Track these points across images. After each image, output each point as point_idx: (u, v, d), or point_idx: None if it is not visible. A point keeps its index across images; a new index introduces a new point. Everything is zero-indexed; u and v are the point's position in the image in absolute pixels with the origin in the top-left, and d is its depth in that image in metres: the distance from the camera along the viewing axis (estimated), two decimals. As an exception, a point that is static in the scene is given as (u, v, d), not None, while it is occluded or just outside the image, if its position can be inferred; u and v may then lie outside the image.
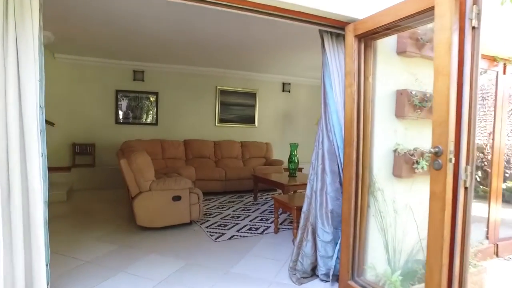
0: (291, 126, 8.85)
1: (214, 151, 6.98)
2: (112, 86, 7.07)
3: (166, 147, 6.43)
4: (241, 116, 8.21)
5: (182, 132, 7.62)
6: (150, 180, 3.93)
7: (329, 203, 2.76)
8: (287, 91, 8.72)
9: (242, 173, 6.46)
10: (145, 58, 6.82)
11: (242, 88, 8.17)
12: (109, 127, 7.09)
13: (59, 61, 6.66)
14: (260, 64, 7.23)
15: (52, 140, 6.63)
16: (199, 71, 7.66)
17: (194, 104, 7.74)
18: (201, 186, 5.91)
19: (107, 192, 6.32)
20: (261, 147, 7.44)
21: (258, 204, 5.66)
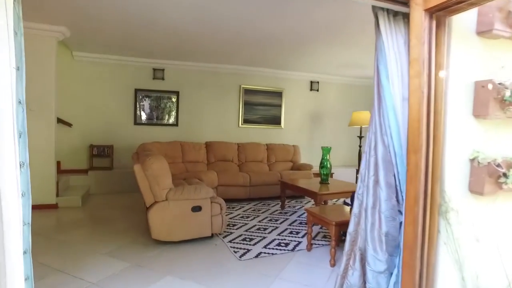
0: (319, 128, 8.27)
1: (237, 154, 6.50)
2: (131, 85, 6.72)
3: (187, 150, 5.99)
4: (266, 116, 7.69)
5: (204, 134, 7.19)
6: (167, 188, 3.48)
7: (383, 224, 2.20)
8: (315, 90, 8.14)
9: (268, 178, 5.94)
10: (165, 55, 6.42)
11: (267, 86, 7.67)
12: (127, 128, 6.74)
13: (77, 59, 6.36)
14: (287, 60, 6.70)
15: (70, 142, 6.34)
16: (222, 68, 7.21)
17: (216, 104, 7.30)
18: (223, 193, 5.45)
19: (124, 197, 5.95)
20: (288, 150, 6.90)
21: (286, 214, 5.13)
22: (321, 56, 6.17)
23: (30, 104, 4.81)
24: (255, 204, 5.67)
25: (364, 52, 5.68)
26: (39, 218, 4.45)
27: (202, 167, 6.07)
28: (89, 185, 6.17)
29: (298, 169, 6.55)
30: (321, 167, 5.24)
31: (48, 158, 4.98)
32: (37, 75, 4.86)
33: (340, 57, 6.13)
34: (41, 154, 4.92)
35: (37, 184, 4.97)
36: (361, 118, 6.77)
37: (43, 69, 4.89)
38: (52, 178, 5.03)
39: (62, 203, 5.15)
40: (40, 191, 4.96)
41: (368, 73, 7.57)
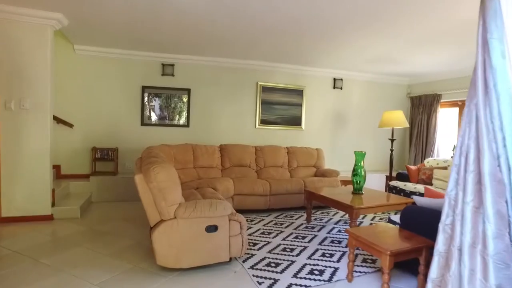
0: (342, 129, 7.54)
1: (255, 158, 5.81)
2: (138, 82, 6.10)
3: (199, 154, 5.33)
4: (286, 117, 7.00)
5: (217, 136, 6.54)
6: (175, 204, 2.81)
7: (490, 274, 1.49)
8: (338, 88, 7.42)
9: (290, 186, 5.24)
10: (175, 48, 5.79)
11: (287, 84, 6.97)
12: (134, 129, 6.12)
13: (79, 54, 5.77)
14: (309, 55, 6.00)
15: (70, 144, 5.76)
16: (237, 64, 6.54)
17: (231, 102, 6.63)
18: (240, 203, 4.79)
19: (129, 205, 5.32)
20: (311, 154, 6.19)
21: (314, 229, 4.42)
22: (348, 49, 5.44)
23: (22, 101, 4.23)
24: (276, 216, 4.98)
25: (404, 44, 4.95)
26: (27, 233, 3.84)
27: (216, 173, 5.40)
28: (91, 192, 5.56)
29: (323, 176, 5.84)
30: (353, 175, 4.52)
31: (43, 162, 4.37)
32: (29, 69, 4.26)
33: (371, 50, 5.40)
34: (34, 158, 4.33)
35: (28, 192, 4.38)
36: (393, 118, 6.03)
37: (37, 61, 4.29)
38: (46, 185, 4.42)
39: (58, 214, 4.54)
40: (33, 200, 4.36)
41: (401, 69, 6.82)
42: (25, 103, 4.25)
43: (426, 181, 5.53)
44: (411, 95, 7.86)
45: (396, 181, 5.82)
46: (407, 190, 5.37)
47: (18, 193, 4.31)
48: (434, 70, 6.77)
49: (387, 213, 5.24)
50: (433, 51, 5.27)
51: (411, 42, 4.89)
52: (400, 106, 7.91)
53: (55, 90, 5.61)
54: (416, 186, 5.31)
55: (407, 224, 2.99)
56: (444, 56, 5.55)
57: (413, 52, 5.40)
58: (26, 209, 4.36)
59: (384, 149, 7.84)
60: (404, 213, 3.03)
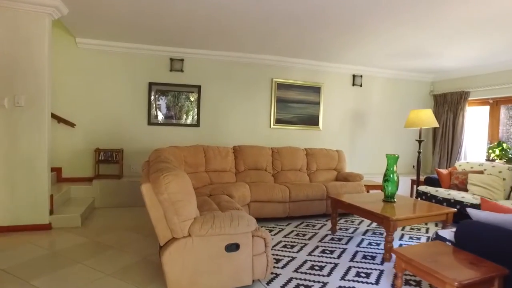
0: (362, 129, 7.05)
1: (272, 161, 5.34)
2: (144, 78, 5.66)
3: (211, 156, 4.86)
4: (302, 116, 6.52)
5: (230, 136, 6.09)
6: (190, 219, 2.35)
7: None
8: (358, 85, 6.93)
9: (311, 192, 4.77)
10: (184, 42, 5.34)
11: (304, 81, 6.50)
12: (140, 128, 5.68)
13: (81, 48, 5.34)
14: (329, 49, 5.52)
15: (72, 145, 5.34)
16: (251, 59, 6.08)
17: (244, 100, 6.17)
18: (257, 210, 4.34)
19: (135, 212, 4.88)
20: (332, 157, 5.71)
21: (341, 241, 3.95)
22: (372, 43, 4.94)
23: (16, 97, 3.80)
24: (297, 225, 4.51)
25: (436, 35, 4.45)
26: (20, 246, 3.40)
27: (230, 177, 4.94)
28: (94, 197, 5.13)
29: (345, 180, 5.36)
30: (385, 181, 4.04)
31: (40, 166, 3.94)
32: (25, 62, 3.83)
33: (398, 43, 4.88)
34: (30, 161, 3.90)
35: (24, 199, 3.90)
36: (421, 118, 5.53)
37: (33, 54, 3.85)
38: (44, 191, 3.98)
39: (57, 222, 4.11)
40: (28, 208, 3.94)
41: (426, 65, 6.31)
42: (19, 99, 3.82)
43: (460, 187, 5.02)
44: (434, 93, 7.35)
45: (425, 186, 5.31)
46: (439, 197, 4.87)
47: (12, 200, 3.88)
48: (463, 66, 6.25)
49: (424, 224, 4.73)
50: (470, 42, 4.75)
51: (446, 32, 4.38)
52: (422, 105, 7.40)
53: (54, 86, 5.19)
54: (449, 192, 4.80)
55: (464, 243, 2.50)
56: (479, 48, 5.03)
57: (445, 44, 4.89)
58: (21, 217, 3.93)
59: (407, 151, 7.35)
60: (461, 229, 2.54)
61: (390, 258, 3.35)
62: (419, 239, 4.13)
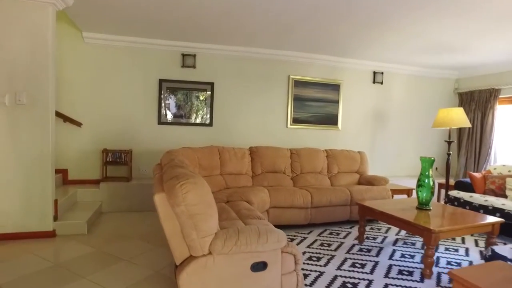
0: (382, 129, 6.65)
1: (291, 163, 4.98)
2: (154, 75, 5.34)
3: (227, 158, 4.52)
4: (321, 115, 6.15)
5: (244, 136, 5.74)
6: (210, 235, 2.01)
7: None
8: (378, 82, 6.53)
9: (335, 197, 4.40)
10: (197, 36, 5.00)
11: (322, 78, 6.13)
12: (150, 128, 5.37)
13: (88, 43, 5.03)
14: (349, 44, 5.14)
15: (78, 145, 5.04)
16: (267, 55, 5.73)
17: (260, 98, 5.82)
18: (276, 217, 4.00)
19: (145, 217, 4.56)
20: (354, 158, 5.33)
21: (370, 252, 3.57)
22: (397, 36, 4.53)
23: (18, 94, 3.50)
24: (319, 234, 4.14)
25: (468, 26, 4.04)
26: (20, 257, 3.09)
27: (246, 180, 4.59)
28: (101, 201, 4.83)
29: (369, 184, 4.98)
30: (418, 186, 3.66)
31: (43, 168, 3.63)
32: (27, 56, 3.53)
33: (425, 36, 4.46)
34: (32, 163, 3.60)
35: (26, 204, 3.59)
36: (451, 117, 5.11)
37: (36, 48, 3.55)
38: (47, 195, 3.68)
39: (62, 229, 3.80)
40: (31, 214, 3.63)
41: (451, 61, 5.89)
42: (21, 97, 3.52)
43: (497, 192, 4.61)
44: (459, 90, 6.92)
45: (457, 191, 4.91)
46: (474, 203, 4.46)
47: (14, 205, 3.58)
48: (492, 61, 5.82)
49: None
50: (502, 34, 4.33)
51: (475, 25, 3.98)
52: (445, 103, 6.98)
53: (60, 84, 4.91)
54: (486, 198, 4.40)
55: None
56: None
57: (473, 37, 4.47)
58: (23, 224, 3.63)
59: (429, 152, 6.96)
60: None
61: (431, 275, 2.98)
62: (456, 251, 3.74)
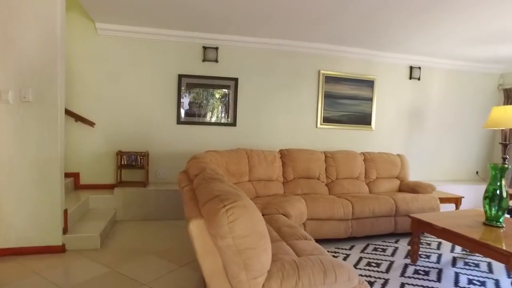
0: (419, 130, 6.07)
1: (325, 167, 4.46)
2: (173, 70, 4.87)
3: (256, 163, 4.02)
4: (353, 114, 5.61)
5: (271, 137, 5.25)
6: (262, 274, 1.50)
7: None
8: (415, 78, 5.95)
9: (378, 207, 3.87)
10: (220, 27, 4.53)
11: (355, 73, 5.58)
12: (168, 128, 4.90)
13: (101, 35, 4.59)
14: (387, 35, 4.61)
15: (91, 147, 4.61)
16: (296, 47, 5.21)
17: (287, 96, 5.31)
18: (314, 230, 3.55)
19: (164, 227, 4.10)
20: (394, 163, 4.78)
21: (428, 275, 3.03)
22: (444, 22, 3.95)
23: (23, 91, 3.06)
24: (362, 249, 3.61)
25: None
26: (22, 278, 2.64)
27: (277, 187, 4.08)
28: (115, 208, 4.38)
29: (412, 191, 4.43)
30: (486, 198, 3.11)
31: (51, 173, 3.19)
32: (33, 49, 3.08)
33: (475, 23, 3.89)
34: (39, 168, 3.16)
35: (32, 214, 3.08)
36: (510, 116, 4.50)
37: (43, 39, 3.10)
38: (56, 204, 3.23)
39: (72, 243, 3.36)
40: (38, 226, 3.21)
41: (499, 53, 5.27)
42: (26, 93, 3.08)
43: None
44: (504, 86, 6.29)
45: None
46: (540, 215, 3.88)
47: (18, 216, 3.15)
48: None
49: None
50: None
51: None
52: (488, 100, 6.35)
53: (71, 80, 4.48)
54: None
55: None
56: None
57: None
58: (28, 238, 3.20)
59: (469, 154, 6.37)
60: None
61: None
62: (530, 274, 3.18)
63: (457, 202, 4.56)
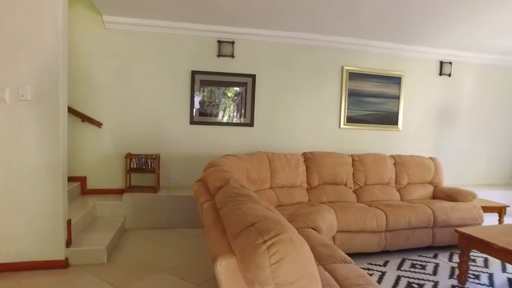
0: (449, 130, 5.62)
1: (353, 172, 4.06)
2: (186, 66, 4.52)
3: (278, 167, 3.64)
4: (379, 113, 5.19)
5: (291, 138, 4.87)
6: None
7: None
8: (446, 74, 5.50)
9: (415, 217, 3.47)
10: (236, 20, 4.17)
11: (381, 69, 5.16)
12: (181, 129, 4.56)
13: (109, 29, 4.27)
14: (417, 27, 4.21)
15: (98, 149, 4.28)
16: (318, 41, 4.81)
17: (308, 93, 4.92)
18: (344, 243, 3.15)
19: (177, 236, 3.76)
20: (426, 167, 4.35)
21: (484, 302, 2.62)
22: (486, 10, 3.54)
23: (20, 88, 2.74)
24: (399, 266, 3.20)
25: None
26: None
27: (301, 195, 3.70)
28: (124, 216, 4.05)
29: (450, 198, 4.00)
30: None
31: (52, 180, 2.86)
32: (31, 40, 2.75)
33: None
34: (39, 174, 2.84)
35: (31, 226, 2.73)
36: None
37: (42, 30, 2.76)
38: (58, 214, 2.91)
39: (76, 258, 3.02)
40: (38, 239, 2.89)
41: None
42: (24, 91, 2.75)
43: None
44: (542, 83, 5.81)
45: None
46: None
47: (17, 228, 2.83)
48: None
49: None
50: None
51: None
52: (526, 99, 5.88)
53: (77, 77, 4.17)
54: None
55: None
56: None
57: None
58: (28, 251, 2.87)
59: (503, 156, 5.88)
60: None
61: None
62: None
63: (501, 211, 4.11)
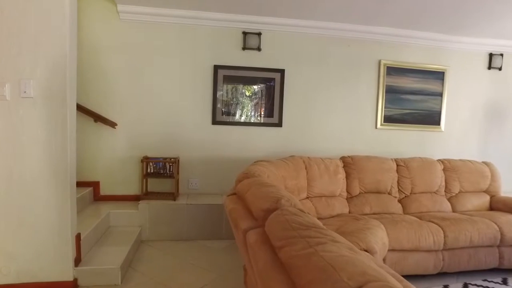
0: (498, 130, 5.04)
1: (397, 179, 3.56)
2: (208, 60, 4.10)
3: (316, 174, 3.17)
4: (419, 112, 4.66)
5: (322, 140, 4.40)
6: None
7: None
8: (496, 68, 4.92)
9: (477, 233, 2.95)
10: (263, 8, 3.74)
11: (422, 63, 4.63)
12: (202, 129, 4.14)
13: (124, 19, 3.89)
14: (465, 13, 3.67)
15: (112, 152, 3.89)
16: (354, 33, 4.32)
17: (342, 90, 4.44)
18: (396, 263, 2.64)
19: (199, 251, 3.34)
20: (481, 173, 3.82)
21: None
22: None
23: (23, 84, 2.36)
24: (463, 293, 2.71)
25: None
26: None
27: (341, 205, 3.22)
28: (140, 225, 3.66)
29: (507, 208, 3.46)
30: None
31: (58, 188, 2.48)
32: (35, 29, 2.37)
33: None
34: (43, 182, 2.45)
35: (34, 242, 2.29)
36: None
37: (46, 17, 2.38)
38: (65, 228, 2.52)
39: (86, 278, 2.63)
40: (43, 257, 2.50)
41: None
42: (27, 87, 2.37)
43: None
44: None
45: None
46: None
47: (19, 244, 2.46)
48: None
49: None
50: None
51: None
52: None
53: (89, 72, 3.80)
54: None
55: None
56: None
57: None
58: (32, 271, 2.50)
59: None
60: None
61: None
62: None
63: None
